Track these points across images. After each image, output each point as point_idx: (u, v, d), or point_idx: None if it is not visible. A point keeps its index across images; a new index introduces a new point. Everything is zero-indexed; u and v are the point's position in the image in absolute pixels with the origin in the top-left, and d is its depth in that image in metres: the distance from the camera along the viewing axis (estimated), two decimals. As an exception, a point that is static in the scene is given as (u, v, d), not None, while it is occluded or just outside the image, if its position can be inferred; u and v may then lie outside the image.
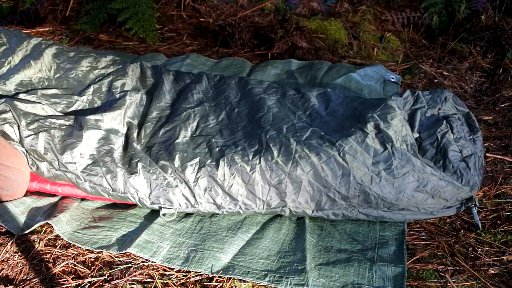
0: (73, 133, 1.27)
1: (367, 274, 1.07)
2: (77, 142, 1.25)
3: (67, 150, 1.23)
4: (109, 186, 1.23)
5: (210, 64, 2.13)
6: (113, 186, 1.22)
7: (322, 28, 2.30)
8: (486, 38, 2.15)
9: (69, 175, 1.24)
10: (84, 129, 1.27)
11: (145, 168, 1.23)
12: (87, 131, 1.27)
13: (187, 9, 2.71)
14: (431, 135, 1.29)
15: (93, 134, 1.28)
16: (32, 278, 1.08)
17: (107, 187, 1.23)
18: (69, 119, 1.33)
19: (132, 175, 1.22)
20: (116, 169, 1.23)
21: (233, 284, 1.06)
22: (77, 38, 2.43)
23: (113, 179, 1.22)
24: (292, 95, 1.50)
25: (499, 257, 1.14)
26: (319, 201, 1.19)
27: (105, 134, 1.30)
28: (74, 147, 1.24)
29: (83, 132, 1.27)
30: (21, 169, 1.24)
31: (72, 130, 1.28)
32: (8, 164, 1.21)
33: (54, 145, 1.23)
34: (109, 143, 1.28)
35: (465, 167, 1.22)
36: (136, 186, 1.22)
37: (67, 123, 1.31)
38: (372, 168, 1.18)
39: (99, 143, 1.28)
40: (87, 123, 1.29)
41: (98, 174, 1.22)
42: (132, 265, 1.12)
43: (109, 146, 1.28)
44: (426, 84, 1.98)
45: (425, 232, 1.23)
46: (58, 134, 1.26)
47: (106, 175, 1.22)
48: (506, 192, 1.35)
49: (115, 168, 1.23)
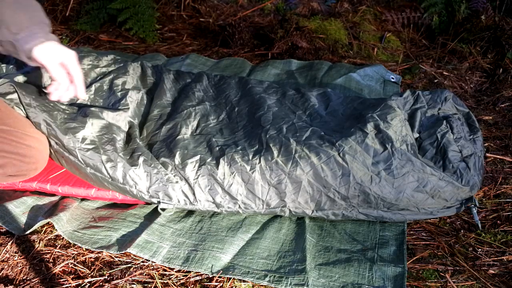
0: (77, 118, 1.27)
1: (367, 274, 1.07)
2: (80, 127, 1.24)
3: (69, 133, 1.23)
4: (108, 175, 1.22)
5: (210, 64, 2.13)
6: (112, 175, 1.22)
7: (322, 28, 2.31)
8: (486, 38, 2.15)
9: (72, 158, 1.23)
10: (89, 117, 1.27)
11: (146, 161, 1.23)
12: (91, 118, 1.27)
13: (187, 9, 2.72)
14: (431, 135, 1.29)
15: (96, 122, 1.28)
16: (32, 278, 1.08)
17: (106, 175, 1.22)
18: (73, 108, 1.33)
19: (133, 167, 1.22)
20: (116, 159, 1.22)
21: (233, 284, 1.06)
22: (77, 38, 2.44)
23: (112, 168, 1.22)
24: (292, 95, 1.50)
25: (499, 257, 1.14)
26: (318, 201, 1.19)
27: (108, 125, 1.30)
28: (76, 131, 1.23)
29: (87, 119, 1.27)
30: (39, 138, 1.23)
31: (76, 116, 1.28)
32: (27, 133, 1.20)
33: (56, 126, 1.22)
34: (112, 133, 1.28)
35: (465, 167, 1.22)
36: (136, 178, 1.22)
37: (71, 110, 1.32)
38: (372, 168, 1.18)
39: (101, 131, 1.27)
40: (92, 112, 1.29)
41: (98, 161, 1.22)
42: (132, 265, 1.12)
43: (112, 135, 1.28)
44: (426, 84, 1.99)
45: (425, 232, 1.23)
46: (61, 117, 1.26)
47: (106, 163, 1.22)
48: (506, 192, 1.35)
49: (116, 157, 1.23)
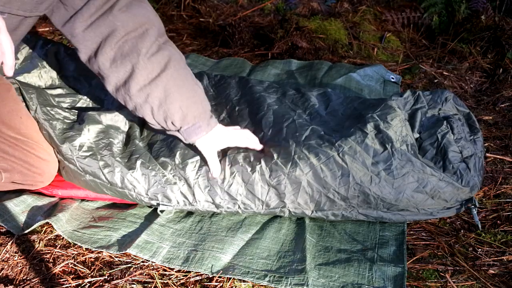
0: (74, 127, 1.27)
1: (367, 274, 1.07)
2: (76, 135, 1.24)
3: (66, 142, 1.23)
4: (107, 180, 1.22)
5: (210, 64, 2.13)
6: (110, 180, 1.22)
7: (322, 28, 2.31)
8: (486, 38, 2.15)
9: (72, 167, 1.23)
10: (85, 123, 1.27)
11: (144, 164, 1.23)
12: (87, 125, 1.27)
13: (187, 9, 2.72)
14: (431, 136, 1.29)
15: (93, 128, 1.28)
16: (32, 278, 1.08)
17: (105, 180, 1.22)
18: (73, 114, 1.33)
19: (130, 171, 1.22)
20: (114, 163, 1.22)
21: (233, 284, 1.06)
22: (77, 38, 2.43)
23: (110, 173, 1.22)
24: (292, 95, 1.50)
25: (499, 257, 1.14)
26: (318, 201, 1.19)
27: (105, 129, 1.30)
28: (73, 139, 1.23)
29: (83, 126, 1.27)
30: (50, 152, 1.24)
31: (73, 124, 1.28)
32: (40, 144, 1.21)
33: (55, 136, 1.23)
34: (109, 137, 1.28)
35: (465, 168, 1.22)
36: (134, 182, 1.22)
37: (71, 117, 1.32)
38: (372, 168, 1.18)
39: (98, 136, 1.27)
40: (89, 117, 1.29)
41: (95, 167, 1.22)
42: (132, 265, 1.12)
43: (109, 139, 1.27)
44: (426, 84, 1.99)
45: (425, 232, 1.23)
46: (60, 126, 1.26)
47: (103, 169, 1.22)
48: (506, 192, 1.35)
49: (113, 162, 1.23)
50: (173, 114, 1.13)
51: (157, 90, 1.10)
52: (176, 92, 1.11)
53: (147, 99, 1.11)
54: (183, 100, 1.12)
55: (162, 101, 1.11)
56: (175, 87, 1.11)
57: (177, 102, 1.12)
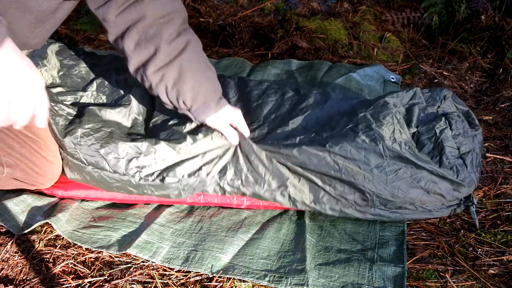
0: (75, 121, 1.27)
1: (367, 274, 1.07)
2: (77, 127, 1.24)
3: (68, 135, 1.22)
4: (110, 168, 1.22)
5: (210, 64, 2.13)
6: (114, 168, 1.22)
7: (322, 28, 2.31)
8: (486, 38, 2.15)
9: (75, 161, 1.23)
10: (86, 116, 1.28)
11: (149, 147, 1.23)
12: (88, 117, 1.27)
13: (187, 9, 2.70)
14: (429, 130, 1.29)
15: (93, 119, 1.28)
16: (32, 278, 1.08)
17: (108, 168, 1.22)
18: (76, 110, 1.34)
19: (135, 155, 1.22)
20: (117, 150, 1.22)
21: (233, 284, 1.06)
22: (77, 38, 2.43)
23: (114, 159, 1.21)
24: (292, 96, 1.50)
25: (499, 257, 1.14)
26: (317, 193, 1.22)
27: (106, 122, 1.30)
28: (75, 131, 1.23)
29: (83, 118, 1.27)
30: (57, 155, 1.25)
31: (74, 119, 1.29)
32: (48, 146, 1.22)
33: (58, 131, 1.22)
34: (110, 126, 1.28)
35: (462, 164, 1.22)
36: (139, 164, 1.22)
37: (74, 113, 1.32)
38: (364, 167, 1.18)
39: (98, 126, 1.27)
40: (90, 111, 1.30)
41: (98, 155, 1.22)
42: (132, 265, 1.12)
43: (110, 128, 1.28)
44: (426, 84, 1.99)
45: (425, 232, 1.23)
46: (62, 123, 1.26)
47: (106, 156, 1.21)
48: (506, 192, 1.35)
49: (116, 148, 1.22)
50: (185, 93, 1.17)
51: (173, 71, 1.15)
52: (189, 74, 1.16)
53: (162, 78, 1.16)
54: (195, 81, 1.17)
55: (176, 81, 1.16)
56: (189, 69, 1.16)
57: (189, 82, 1.17)
